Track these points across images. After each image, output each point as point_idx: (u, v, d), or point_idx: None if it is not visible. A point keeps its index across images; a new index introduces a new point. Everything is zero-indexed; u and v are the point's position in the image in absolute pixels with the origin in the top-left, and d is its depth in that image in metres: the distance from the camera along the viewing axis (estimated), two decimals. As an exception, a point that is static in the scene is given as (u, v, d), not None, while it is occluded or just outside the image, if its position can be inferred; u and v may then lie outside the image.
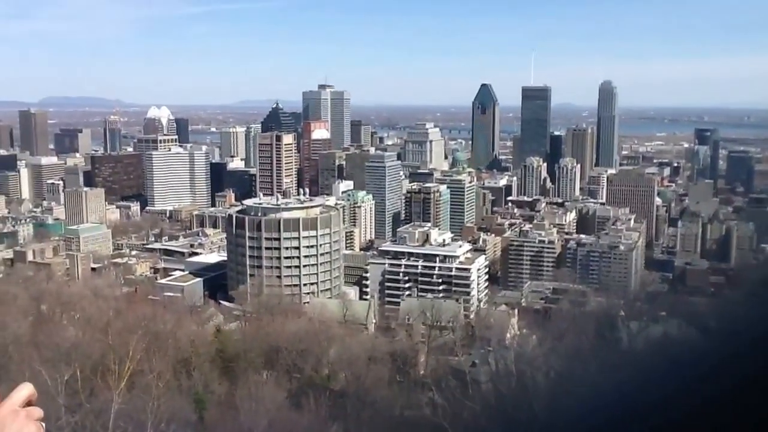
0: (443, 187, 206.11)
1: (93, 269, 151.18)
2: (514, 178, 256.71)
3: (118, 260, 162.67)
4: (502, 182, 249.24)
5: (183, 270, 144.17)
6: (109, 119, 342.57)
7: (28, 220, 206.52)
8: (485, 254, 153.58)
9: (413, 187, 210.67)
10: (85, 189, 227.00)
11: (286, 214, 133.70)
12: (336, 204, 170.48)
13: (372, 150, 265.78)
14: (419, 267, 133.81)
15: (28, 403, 2.66)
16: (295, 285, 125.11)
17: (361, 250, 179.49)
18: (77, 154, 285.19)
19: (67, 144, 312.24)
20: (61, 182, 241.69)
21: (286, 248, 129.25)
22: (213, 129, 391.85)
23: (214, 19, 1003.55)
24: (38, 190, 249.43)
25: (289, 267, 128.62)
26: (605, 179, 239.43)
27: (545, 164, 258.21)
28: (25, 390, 2.69)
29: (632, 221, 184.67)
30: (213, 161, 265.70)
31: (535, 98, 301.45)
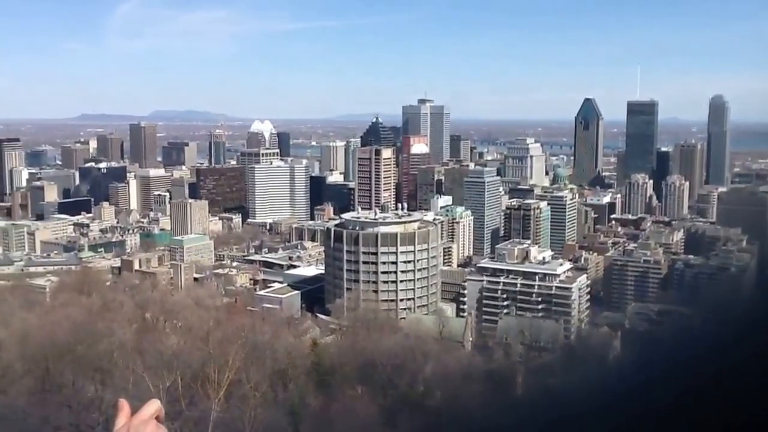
0: (544, 204, 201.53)
1: (195, 279, 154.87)
2: (618, 196, 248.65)
3: (220, 271, 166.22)
4: (606, 199, 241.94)
5: (281, 282, 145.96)
6: (214, 133, 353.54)
7: (135, 230, 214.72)
8: (587, 273, 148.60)
9: (513, 203, 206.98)
10: (190, 201, 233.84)
11: (383, 229, 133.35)
12: (434, 219, 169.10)
13: (471, 165, 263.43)
14: (518, 285, 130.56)
15: (156, 419, 2.92)
16: (392, 300, 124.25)
17: (458, 266, 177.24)
18: (183, 167, 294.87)
19: (174, 156, 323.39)
20: (167, 194, 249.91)
21: (384, 263, 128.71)
22: (313, 143, 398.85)
23: (316, 35, 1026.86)
24: (146, 201, 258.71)
25: (386, 282, 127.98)
26: (715, 197, 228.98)
27: (651, 181, 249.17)
28: (154, 406, 2.93)
29: (744, 242, 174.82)
30: (313, 175, 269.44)
31: (641, 113, 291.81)
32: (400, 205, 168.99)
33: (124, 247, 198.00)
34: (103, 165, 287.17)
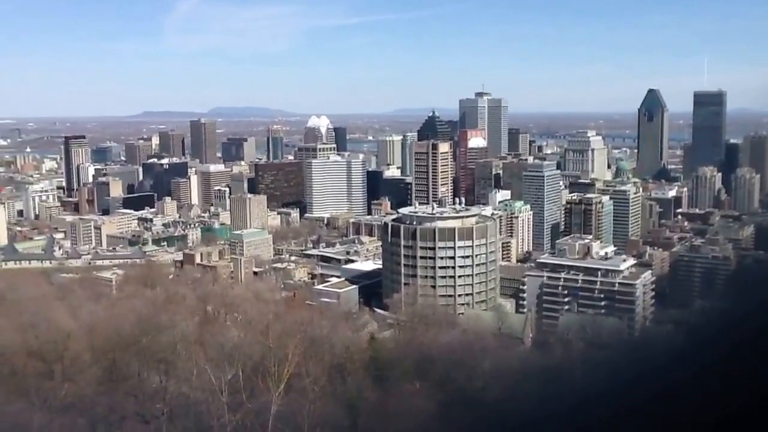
0: (606, 198, 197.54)
1: (255, 273, 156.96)
2: (684, 189, 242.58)
3: (278, 265, 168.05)
4: (671, 193, 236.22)
5: (339, 276, 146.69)
6: (272, 128, 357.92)
7: (196, 224, 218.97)
8: (651, 269, 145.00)
9: (573, 197, 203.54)
10: (249, 195, 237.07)
11: (441, 224, 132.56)
12: (492, 214, 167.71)
13: (530, 159, 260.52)
14: (579, 281, 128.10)
15: None
16: (450, 295, 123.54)
17: (517, 261, 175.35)
18: (242, 162, 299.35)
19: (233, 152, 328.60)
20: (227, 189, 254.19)
21: (441, 258, 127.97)
22: (370, 137, 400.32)
23: (372, 30, 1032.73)
24: (206, 196, 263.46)
25: (444, 277, 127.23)
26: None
27: (719, 174, 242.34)
28: None
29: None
30: (369, 169, 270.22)
31: (708, 104, 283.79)
32: (457, 199, 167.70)
33: (186, 241, 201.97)
34: (165, 161, 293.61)
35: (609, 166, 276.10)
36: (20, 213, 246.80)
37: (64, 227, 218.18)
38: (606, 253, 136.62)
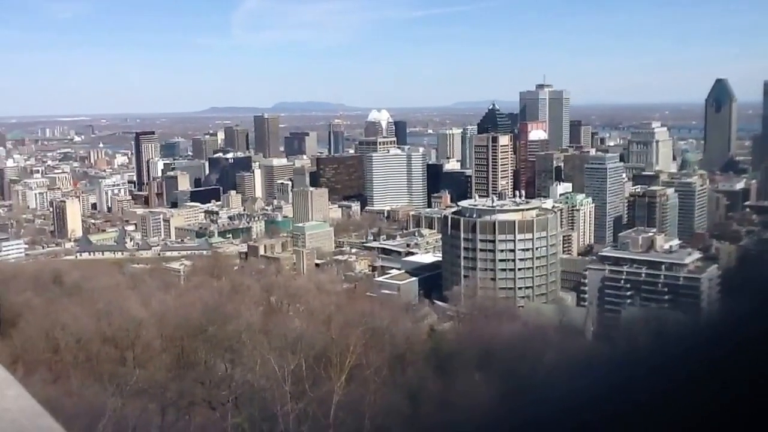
0: (670, 191, 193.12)
1: (317, 265, 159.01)
2: (753, 181, 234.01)
3: (340, 257, 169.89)
4: (739, 186, 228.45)
5: (399, 269, 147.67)
6: (333, 122, 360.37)
7: (260, 217, 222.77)
8: (718, 263, 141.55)
9: (637, 190, 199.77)
10: (311, 189, 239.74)
11: (501, 216, 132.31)
12: (553, 207, 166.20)
13: (592, 151, 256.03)
14: (642, 275, 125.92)
15: None
16: (510, 288, 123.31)
17: (579, 254, 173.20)
18: (304, 156, 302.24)
19: (295, 146, 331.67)
20: (289, 182, 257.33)
21: (501, 251, 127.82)
22: (430, 131, 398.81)
23: (434, 23, 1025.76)
24: (270, 189, 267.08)
25: (504, 270, 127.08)
26: None
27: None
28: None
29: None
30: (429, 162, 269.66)
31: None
32: (517, 192, 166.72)
33: (250, 233, 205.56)
34: (230, 155, 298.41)
35: (674, 158, 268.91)
36: (94, 206, 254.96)
37: (135, 220, 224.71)
38: (670, 247, 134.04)
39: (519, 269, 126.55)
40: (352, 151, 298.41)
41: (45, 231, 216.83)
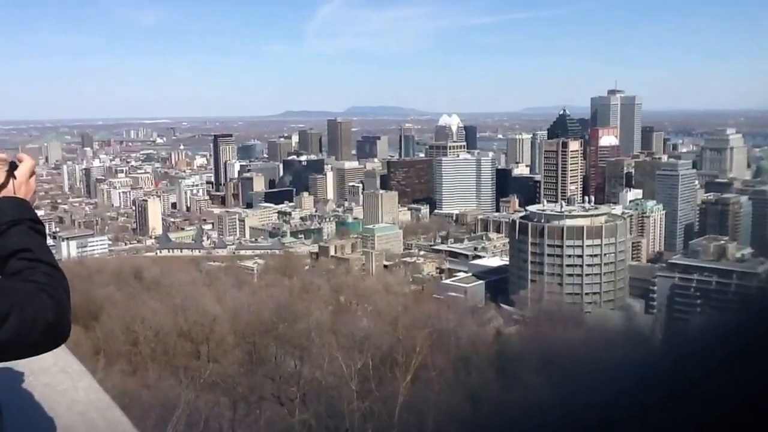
0: (744, 198, 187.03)
1: (385, 266, 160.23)
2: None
3: (408, 259, 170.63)
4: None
5: (466, 272, 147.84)
6: (404, 127, 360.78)
7: (331, 218, 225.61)
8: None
9: (709, 197, 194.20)
10: (381, 191, 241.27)
11: (569, 222, 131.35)
12: (623, 213, 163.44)
13: (664, 157, 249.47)
14: (713, 283, 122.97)
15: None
16: (577, 294, 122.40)
17: (648, 261, 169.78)
18: (375, 159, 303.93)
19: (367, 149, 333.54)
20: (360, 185, 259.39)
21: (569, 256, 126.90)
22: (500, 136, 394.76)
23: (504, 29, 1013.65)
24: (341, 191, 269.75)
25: (571, 275, 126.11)
26: None
27: None
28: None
29: None
30: (498, 167, 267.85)
31: None
32: (587, 198, 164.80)
33: (322, 234, 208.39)
34: (303, 158, 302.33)
35: (749, 166, 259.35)
36: (173, 205, 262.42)
37: (212, 219, 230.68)
38: (742, 255, 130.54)
39: (587, 275, 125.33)
40: (422, 155, 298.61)
41: (127, 228, 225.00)
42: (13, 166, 2.71)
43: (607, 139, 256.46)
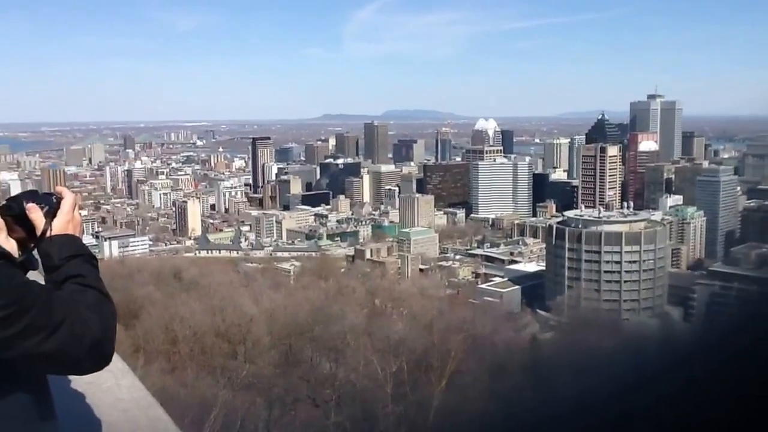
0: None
1: (421, 270, 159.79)
2: None
3: (443, 263, 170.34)
4: None
5: (502, 277, 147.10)
6: (440, 131, 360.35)
7: (367, 221, 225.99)
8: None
9: (751, 204, 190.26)
10: (417, 195, 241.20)
11: (607, 228, 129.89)
12: (662, 219, 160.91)
13: (705, 163, 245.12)
14: (754, 292, 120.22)
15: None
16: (615, 300, 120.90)
17: (687, 269, 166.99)
18: (411, 163, 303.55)
19: (403, 153, 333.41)
20: (396, 188, 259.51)
21: (607, 262, 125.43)
22: (537, 140, 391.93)
23: (541, 33, 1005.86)
24: (377, 194, 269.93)
25: (609, 281, 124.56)
26: None
27: None
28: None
29: None
30: (535, 172, 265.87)
31: None
32: (625, 203, 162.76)
33: (357, 237, 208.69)
34: (340, 161, 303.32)
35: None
36: (212, 207, 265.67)
37: (250, 221, 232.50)
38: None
39: (625, 281, 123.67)
40: (458, 159, 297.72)
41: (168, 229, 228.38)
42: (51, 202, 2.71)
43: (647, 144, 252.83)
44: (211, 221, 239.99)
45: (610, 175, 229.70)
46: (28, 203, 2.64)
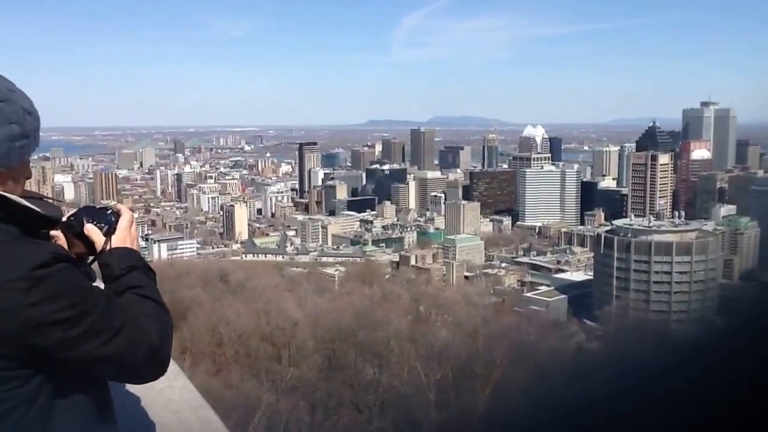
0: None
1: (466, 277, 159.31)
2: None
3: (489, 271, 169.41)
4: None
5: (548, 285, 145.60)
6: (487, 137, 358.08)
7: (412, 228, 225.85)
8: None
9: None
10: (463, 202, 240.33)
11: (657, 237, 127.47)
12: (715, 229, 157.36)
13: (760, 172, 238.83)
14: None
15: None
16: (664, 311, 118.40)
17: (740, 280, 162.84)
18: (458, 170, 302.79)
19: (449, 160, 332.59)
20: (442, 195, 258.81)
21: (657, 272, 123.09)
22: (585, 147, 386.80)
23: (591, 38, 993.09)
24: (423, 201, 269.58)
25: (659, 292, 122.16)
26: None
27: None
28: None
29: None
30: (584, 180, 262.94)
31: None
32: (676, 213, 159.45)
33: (402, 243, 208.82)
34: (386, 167, 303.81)
35: None
36: (259, 211, 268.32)
37: (296, 225, 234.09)
38: None
39: (675, 292, 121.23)
40: (505, 166, 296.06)
41: (215, 232, 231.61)
42: (110, 221, 2.75)
43: (699, 152, 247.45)
44: (258, 225, 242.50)
45: (661, 184, 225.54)
46: (87, 223, 2.71)
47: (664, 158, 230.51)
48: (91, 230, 2.69)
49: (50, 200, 2.69)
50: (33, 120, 2.30)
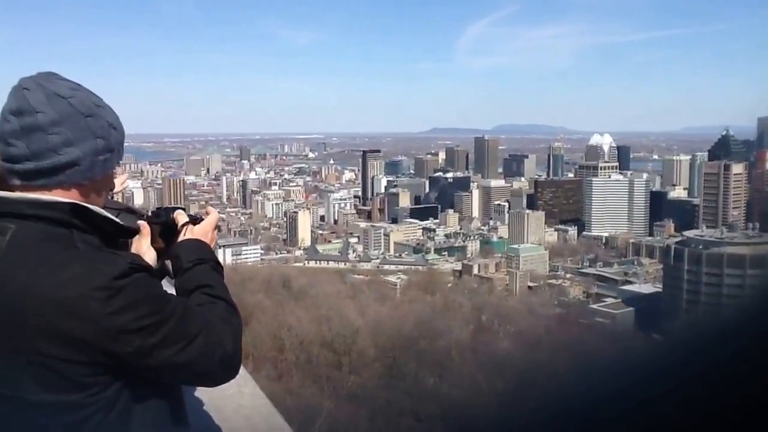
0: None
1: (529, 287, 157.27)
2: None
3: (553, 281, 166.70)
4: None
5: (615, 297, 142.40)
6: (552, 145, 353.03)
7: (475, 236, 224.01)
8: None
9: None
10: (527, 211, 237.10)
11: (730, 249, 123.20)
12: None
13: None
14: None
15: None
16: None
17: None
18: (522, 178, 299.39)
19: (514, 168, 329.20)
20: (506, 203, 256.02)
21: (728, 285, 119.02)
22: (655, 156, 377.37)
23: (660, 45, 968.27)
24: (486, 209, 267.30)
25: (731, 306, 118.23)
26: None
27: None
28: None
29: None
30: (653, 189, 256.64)
31: None
32: (750, 224, 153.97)
33: (465, 252, 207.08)
34: (449, 175, 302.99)
35: None
36: (322, 218, 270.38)
37: (358, 233, 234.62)
38: None
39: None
40: (571, 175, 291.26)
41: (278, 239, 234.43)
42: (197, 220, 2.79)
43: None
44: (320, 232, 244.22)
45: (734, 194, 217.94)
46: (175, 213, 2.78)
47: (737, 168, 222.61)
48: (179, 214, 2.75)
49: (134, 210, 2.75)
50: (118, 134, 2.37)
